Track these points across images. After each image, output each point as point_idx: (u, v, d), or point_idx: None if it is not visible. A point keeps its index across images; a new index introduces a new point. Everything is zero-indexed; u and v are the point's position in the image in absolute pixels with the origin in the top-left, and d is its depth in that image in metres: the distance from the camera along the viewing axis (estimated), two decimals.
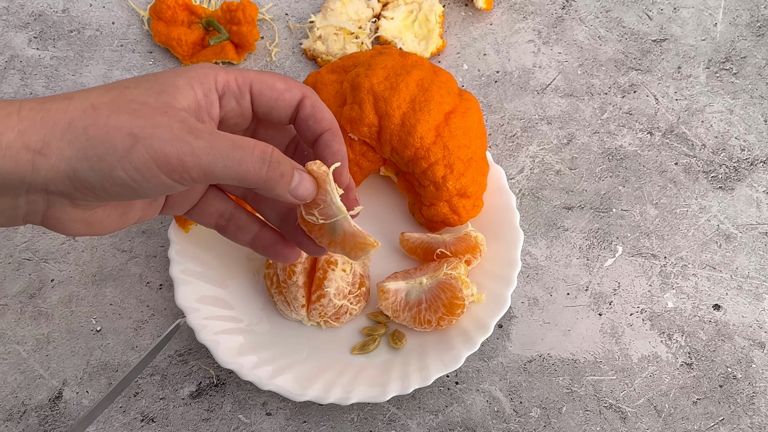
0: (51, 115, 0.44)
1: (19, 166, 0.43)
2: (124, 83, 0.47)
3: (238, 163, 0.45)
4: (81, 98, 0.45)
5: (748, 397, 0.65)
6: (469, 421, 0.64)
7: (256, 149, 0.46)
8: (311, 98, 0.53)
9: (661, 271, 0.70)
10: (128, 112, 0.44)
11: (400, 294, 0.65)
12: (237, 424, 0.64)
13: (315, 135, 0.53)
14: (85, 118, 0.44)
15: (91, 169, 0.44)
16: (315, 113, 0.52)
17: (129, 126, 0.44)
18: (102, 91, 0.46)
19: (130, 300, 0.69)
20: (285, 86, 0.52)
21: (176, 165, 0.44)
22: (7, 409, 0.65)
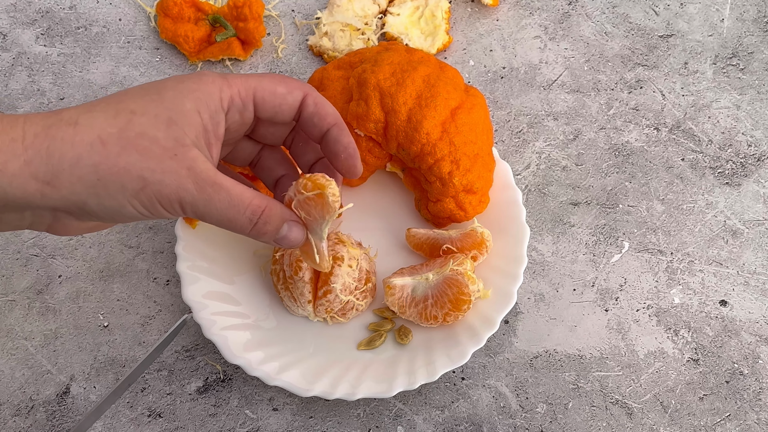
0: (57, 145, 0.44)
1: (27, 193, 0.44)
2: (130, 105, 0.46)
3: (229, 220, 0.49)
4: (86, 126, 0.45)
5: (754, 393, 0.65)
6: (475, 417, 0.65)
7: (247, 211, 0.49)
8: (312, 95, 0.53)
9: (668, 266, 0.70)
10: (138, 151, 0.45)
11: (406, 290, 0.65)
12: (244, 419, 0.65)
13: (321, 131, 0.53)
14: (93, 154, 0.44)
15: (100, 204, 0.46)
16: (318, 110, 0.53)
17: (139, 169, 0.45)
18: (107, 116, 0.45)
19: (137, 296, 0.69)
20: (286, 89, 0.52)
21: (176, 206, 0.47)
22: (15, 404, 0.65)
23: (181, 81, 0.48)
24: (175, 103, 0.47)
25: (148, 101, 0.47)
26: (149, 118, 0.46)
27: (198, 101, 0.48)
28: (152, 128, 0.46)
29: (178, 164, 0.46)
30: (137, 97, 0.47)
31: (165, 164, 0.46)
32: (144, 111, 0.46)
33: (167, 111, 0.46)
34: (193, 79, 0.48)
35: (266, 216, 0.50)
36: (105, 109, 0.46)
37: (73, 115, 0.45)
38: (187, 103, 0.47)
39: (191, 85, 0.48)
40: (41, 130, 0.44)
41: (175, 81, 0.48)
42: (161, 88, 0.47)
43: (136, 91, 0.47)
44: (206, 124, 0.48)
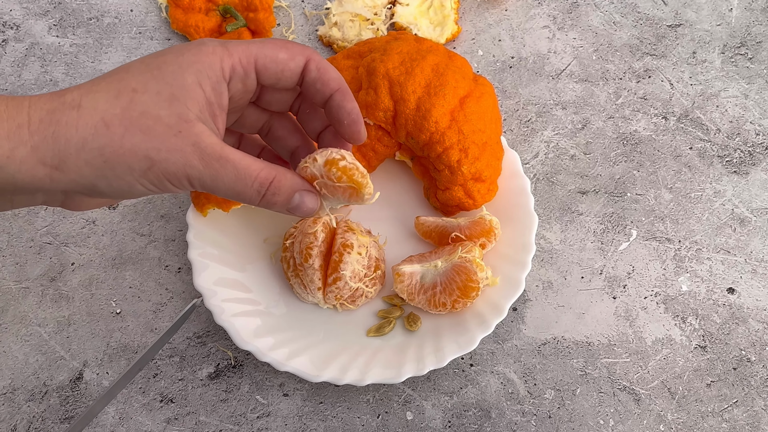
0: (62, 130, 0.44)
1: (36, 179, 0.44)
2: (131, 83, 0.46)
3: (237, 193, 0.48)
4: (89, 109, 0.45)
5: (762, 379, 0.66)
6: (484, 403, 0.65)
7: (255, 183, 0.48)
8: (315, 60, 0.52)
9: (676, 254, 0.70)
10: (142, 131, 0.45)
11: (415, 277, 0.65)
12: (254, 404, 0.65)
13: (324, 97, 0.53)
14: (98, 137, 0.44)
15: (109, 185, 0.46)
16: (321, 75, 0.52)
17: (145, 149, 0.45)
18: (109, 96, 0.45)
19: (149, 283, 0.70)
20: (288, 55, 0.51)
21: (185, 182, 0.47)
22: (29, 390, 0.66)
23: (181, 53, 0.47)
24: (176, 78, 0.46)
25: (148, 78, 0.46)
26: (151, 96, 0.46)
27: (199, 73, 0.47)
28: (155, 106, 0.45)
29: (182, 141, 0.46)
30: (138, 73, 0.46)
31: (170, 142, 0.45)
32: (145, 88, 0.46)
33: (169, 87, 0.46)
34: (193, 50, 0.48)
35: (275, 187, 0.49)
36: (107, 88, 0.45)
37: (76, 97, 0.45)
38: (188, 76, 0.47)
39: (191, 57, 0.47)
40: (46, 115, 0.44)
41: (175, 53, 0.47)
42: (161, 62, 0.47)
43: (136, 66, 0.47)
44: (209, 96, 0.48)
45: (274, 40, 0.51)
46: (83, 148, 0.44)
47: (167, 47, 0.49)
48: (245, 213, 0.70)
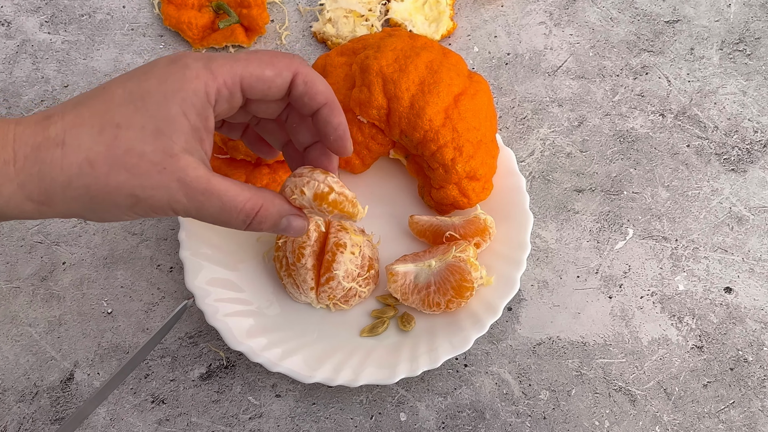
0: (47, 169, 0.44)
1: (25, 212, 0.45)
2: (115, 117, 0.45)
3: (223, 222, 0.49)
4: (73, 147, 0.44)
5: (759, 380, 0.65)
6: (478, 404, 0.65)
7: (240, 214, 0.49)
8: (302, 74, 0.51)
9: (672, 253, 0.70)
10: (126, 169, 0.45)
11: (409, 276, 0.65)
12: (247, 405, 0.65)
13: (312, 110, 0.52)
14: (83, 176, 0.45)
15: (97, 217, 0.47)
16: (308, 89, 0.51)
17: (130, 186, 0.45)
18: (93, 132, 0.45)
19: (141, 282, 0.69)
20: (274, 72, 0.50)
21: (171, 213, 0.48)
22: (20, 391, 0.65)
23: (164, 80, 0.47)
24: (160, 110, 0.46)
25: (132, 110, 0.46)
26: (135, 131, 0.45)
27: (183, 102, 0.46)
28: (139, 142, 0.45)
29: (167, 178, 0.46)
30: (121, 104, 0.46)
31: (154, 180, 0.46)
32: (129, 123, 0.45)
33: (153, 120, 0.46)
34: (176, 75, 0.47)
35: (261, 216, 0.50)
36: (90, 122, 0.45)
37: (60, 133, 0.45)
38: (172, 107, 0.46)
39: (174, 84, 0.47)
40: (30, 152, 0.44)
41: (158, 80, 0.47)
42: (144, 92, 0.46)
43: (119, 95, 0.46)
44: (194, 123, 0.47)
45: (259, 54, 0.50)
46: (69, 187, 0.45)
47: (150, 66, 0.47)
48: None
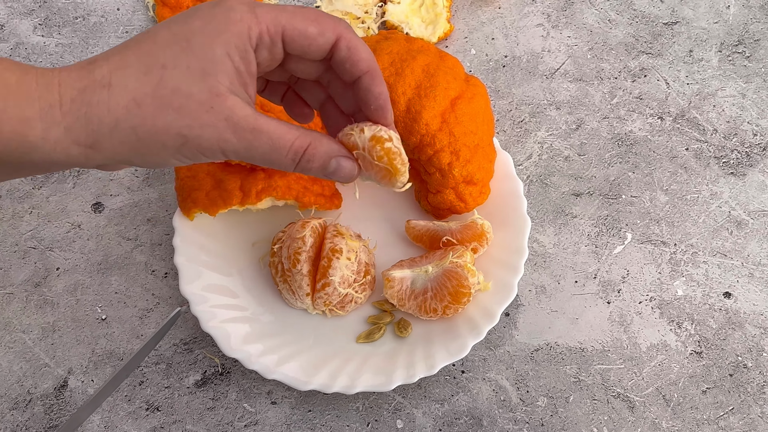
0: (94, 111, 0.44)
1: (71, 157, 0.45)
2: (160, 58, 0.45)
3: (272, 162, 0.49)
4: (120, 88, 0.44)
5: (758, 386, 0.64)
6: (475, 410, 0.64)
7: (289, 153, 0.48)
8: (346, 38, 0.50)
9: (671, 258, 0.69)
10: (174, 109, 0.45)
11: (405, 282, 0.64)
12: (242, 412, 0.64)
13: (353, 77, 0.51)
14: (131, 117, 0.45)
15: (144, 161, 0.47)
16: (351, 56, 0.50)
17: (177, 126, 0.45)
18: (139, 73, 0.45)
19: (136, 288, 0.69)
20: (317, 30, 0.49)
21: (219, 155, 0.48)
22: (13, 398, 0.65)
23: (208, 21, 0.46)
24: (205, 51, 0.46)
25: (177, 51, 0.45)
26: (181, 71, 0.45)
27: (227, 44, 0.46)
28: (186, 82, 0.45)
29: (215, 117, 0.46)
30: (165, 45, 0.46)
31: (202, 119, 0.46)
32: (175, 63, 0.45)
33: (198, 60, 0.45)
34: (220, 17, 0.46)
35: (309, 154, 0.49)
36: (136, 63, 0.45)
37: (106, 74, 0.44)
38: (217, 48, 0.46)
39: (219, 25, 0.46)
40: (77, 94, 0.44)
41: (203, 22, 0.46)
42: (189, 32, 0.46)
43: (163, 36, 0.46)
44: (238, 65, 0.47)
45: (305, 10, 0.49)
46: (116, 128, 0.45)
47: (195, 9, 0.47)
48: (233, 217, 0.69)
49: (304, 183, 0.67)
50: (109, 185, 0.73)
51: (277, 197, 0.66)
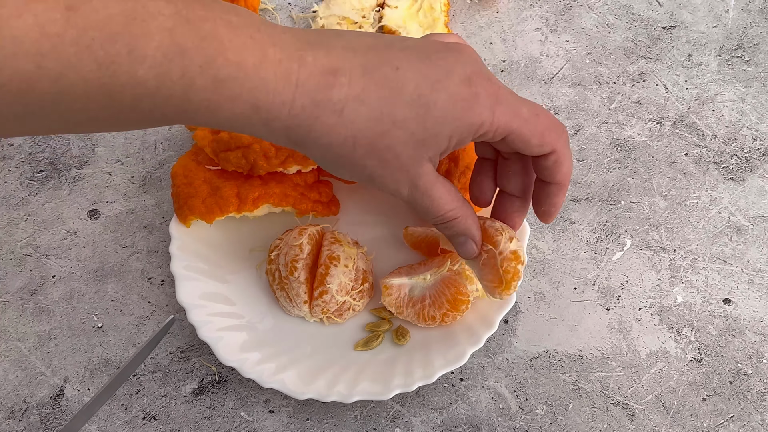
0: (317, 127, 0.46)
1: (280, 144, 0.49)
2: (396, 113, 0.47)
3: (421, 214, 0.54)
4: (348, 121, 0.46)
5: (759, 393, 0.64)
6: (474, 419, 0.64)
7: (438, 218, 0.53)
8: (558, 153, 0.52)
9: (671, 264, 0.69)
10: (378, 160, 0.48)
11: (403, 290, 0.64)
12: (239, 421, 0.64)
13: (542, 180, 0.55)
14: (341, 149, 0.48)
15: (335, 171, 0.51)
16: (553, 169, 0.53)
17: (371, 170, 0.49)
18: (370, 117, 0.47)
19: (132, 296, 0.68)
20: (539, 143, 0.51)
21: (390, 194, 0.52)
22: (9, 407, 0.64)
23: (453, 102, 0.48)
24: (436, 127, 0.48)
25: (412, 115, 0.47)
26: (405, 135, 0.48)
27: (457, 129, 0.49)
28: (403, 146, 0.48)
29: (405, 177, 0.50)
30: (406, 106, 0.47)
31: (395, 175, 0.49)
32: (405, 125, 0.47)
33: (425, 132, 0.48)
34: (464, 105, 0.48)
35: (451, 224, 0.54)
36: (372, 106, 0.47)
37: (342, 100, 0.46)
38: (446, 128, 0.48)
39: (459, 112, 0.48)
40: (308, 104, 0.45)
41: (449, 98, 0.48)
42: (431, 103, 0.48)
43: (408, 94, 0.47)
44: (452, 145, 0.50)
45: (538, 117, 0.51)
46: (325, 151, 0.48)
47: (447, 71, 0.48)
48: (230, 224, 0.68)
49: (301, 190, 0.66)
50: (105, 192, 0.72)
51: (274, 204, 0.65)
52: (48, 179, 0.73)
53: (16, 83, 0.38)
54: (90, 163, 0.74)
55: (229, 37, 0.43)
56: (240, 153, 0.64)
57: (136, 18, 0.40)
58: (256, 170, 0.64)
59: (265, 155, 0.64)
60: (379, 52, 0.48)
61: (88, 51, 0.39)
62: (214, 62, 0.42)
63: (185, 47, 0.41)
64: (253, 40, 0.44)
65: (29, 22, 0.37)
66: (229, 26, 0.43)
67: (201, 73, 0.42)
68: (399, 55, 0.48)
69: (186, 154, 0.67)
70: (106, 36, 0.39)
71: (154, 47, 0.40)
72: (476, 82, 0.49)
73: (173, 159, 0.74)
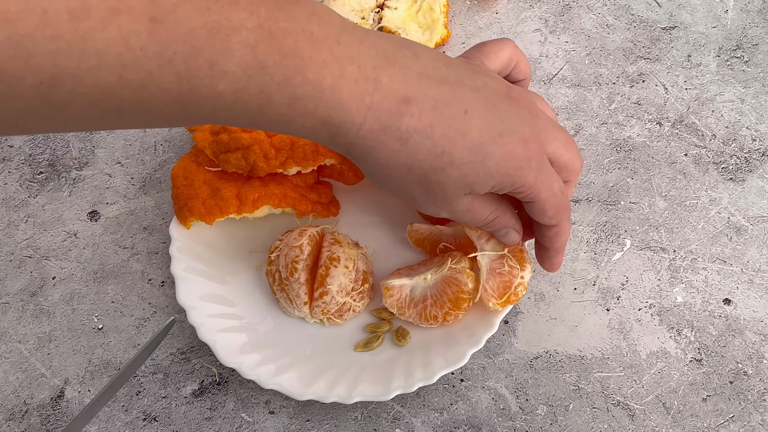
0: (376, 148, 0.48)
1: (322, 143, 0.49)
2: (456, 155, 0.49)
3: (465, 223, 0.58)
4: (409, 151, 0.48)
5: (759, 393, 0.64)
6: (475, 419, 0.64)
7: (480, 223, 0.56)
8: (560, 228, 0.57)
9: (671, 264, 0.69)
10: (425, 189, 0.51)
11: (404, 291, 0.64)
12: (240, 422, 0.64)
13: (543, 245, 0.59)
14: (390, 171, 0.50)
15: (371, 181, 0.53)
16: (553, 239, 0.59)
17: (414, 195, 0.52)
18: (431, 152, 0.48)
19: (132, 297, 0.68)
20: (551, 216, 0.55)
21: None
22: (9, 409, 0.64)
23: (511, 158, 0.50)
24: (486, 175, 0.50)
25: (470, 159, 0.49)
26: (458, 174, 0.50)
27: (501, 183, 0.51)
28: (452, 183, 0.50)
29: (446, 206, 0.52)
30: (465, 149, 0.49)
31: (437, 203, 0.52)
32: (460, 166, 0.49)
33: (475, 177, 0.50)
34: (520, 162, 0.51)
35: (491, 225, 0.57)
36: (435, 142, 0.48)
37: (409, 130, 0.47)
38: (494, 180, 0.51)
39: (512, 170, 0.51)
40: (377, 128, 0.47)
41: (504, 154, 0.50)
42: (488, 154, 0.50)
43: (471, 140, 0.49)
44: (491, 190, 0.52)
45: (564, 194, 0.55)
46: (379, 170, 0.50)
47: (511, 126, 0.51)
48: (229, 225, 0.68)
49: (301, 191, 0.67)
50: (105, 194, 0.73)
51: (274, 205, 0.65)
52: (48, 181, 0.73)
53: (96, 93, 0.38)
54: (90, 165, 0.74)
55: (309, 54, 0.43)
56: (240, 154, 0.64)
57: (220, 32, 0.40)
58: (256, 171, 0.64)
59: (264, 156, 0.64)
60: (452, 87, 0.49)
61: (170, 65, 0.39)
62: (292, 80, 0.43)
63: (266, 64, 0.41)
64: (332, 57, 0.44)
65: (113, 34, 0.37)
66: (310, 40, 0.43)
67: (279, 90, 0.43)
68: (469, 96, 0.50)
69: (186, 155, 0.67)
70: (189, 50, 0.39)
71: (236, 63, 0.41)
72: (531, 146, 0.51)
73: (173, 160, 0.74)
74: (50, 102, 0.37)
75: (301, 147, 0.65)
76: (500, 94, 0.52)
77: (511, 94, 0.52)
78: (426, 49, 0.51)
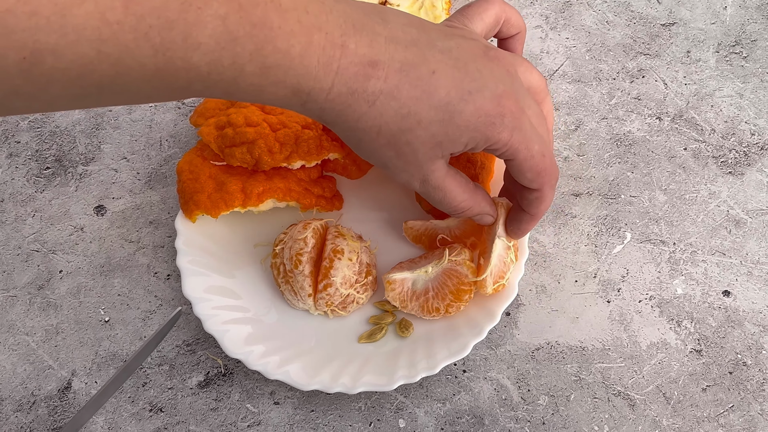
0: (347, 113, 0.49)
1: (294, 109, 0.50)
2: (422, 113, 0.50)
3: (437, 206, 0.58)
4: (376, 112, 0.49)
5: (758, 383, 0.65)
6: (477, 409, 0.64)
7: (453, 210, 0.57)
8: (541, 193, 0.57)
9: (671, 257, 0.70)
10: (396, 153, 0.52)
11: (406, 284, 0.64)
12: (245, 413, 0.65)
13: (522, 208, 0.60)
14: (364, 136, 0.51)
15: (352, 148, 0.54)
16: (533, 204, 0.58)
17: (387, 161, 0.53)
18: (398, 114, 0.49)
19: (138, 291, 0.69)
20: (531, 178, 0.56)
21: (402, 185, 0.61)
22: (17, 400, 0.65)
23: (481, 114, 0.51)
24: (455, 133, 0.51)
25: (436, 120, 0.50)
26: (426, 134, 0.50)
27: (473, 140, 0.52)
28: (420, 145, 0.51)
29: (417, 171, 0.53)
30: (432, 108, 0.50)
31: (408, 168, 0.53)
32: (428, 126, 0.50)
33: (444, 136, 0.51)
34: (492, 117, 0.51)
35: (465, 214, 0.58)
36: (401, 103, 0.49)
37: (376, 93, 0.48)
38: (464, 137, 0.51)
39: (482, 126, 0.51)
40: (345, 91, 0.48)
41: (476, 112, 0.50)
42: (456, 113, 0.50)
43: (438, 98, 0.50)
44: (464, 150, 0.53)
45: (545, 157, 0.55)
46: (351, 133, 0.51)
47: (480, 85, 0.51)
48: (234, 219, 0.69)
49: (305, 185, 0.67)
50: (111, 188, 0.73)
51: (279, 199, 0.66)
52: (55, 176, 0.74)
53: (76, 68, 0.39)
54: (96, 160, 0.75)
55: (278, 23, 0.44)
56: (245, 148, 0.65)
57: (192, 4, 0.41)
58: (261, 165, 0.65)
59: (269, 151, 0.64)
60: (421, 49, 0.50)
61: (146, 38, 0.40)
62: (263, 50, 0.44)
63: (237, 35, 0.43)
64: (300, 26, 0.45)
65: (90, 9, 0.38)
66: (279, 10, 0.44)
67: (250, 60, 0.44)
68: (438, 57, 0.50)
69: (191, 150, 0.68)
70: (163, 23, 0.40)
71: (208, 35, 0.42)
72: (505, 103, 0.51)
73: (178, 155, 0.75)
74: (33, 79, 0.38)
75: (305, 141, 0.65)
76: (474, 54, 0.52)
77: (488, 53, 0.53)
78: (398, 14, 0.52)
